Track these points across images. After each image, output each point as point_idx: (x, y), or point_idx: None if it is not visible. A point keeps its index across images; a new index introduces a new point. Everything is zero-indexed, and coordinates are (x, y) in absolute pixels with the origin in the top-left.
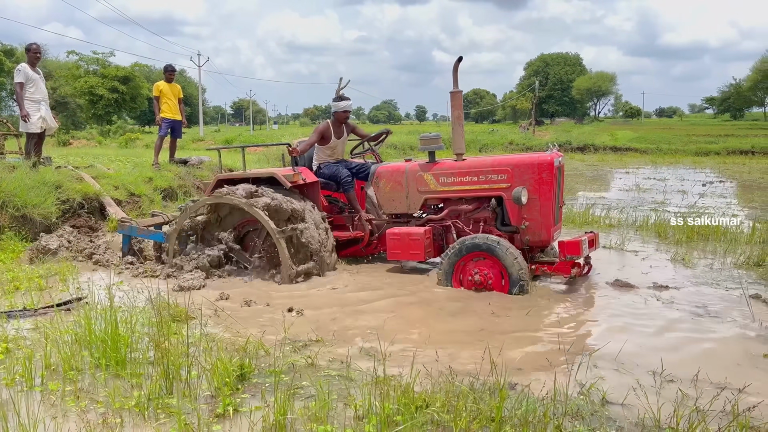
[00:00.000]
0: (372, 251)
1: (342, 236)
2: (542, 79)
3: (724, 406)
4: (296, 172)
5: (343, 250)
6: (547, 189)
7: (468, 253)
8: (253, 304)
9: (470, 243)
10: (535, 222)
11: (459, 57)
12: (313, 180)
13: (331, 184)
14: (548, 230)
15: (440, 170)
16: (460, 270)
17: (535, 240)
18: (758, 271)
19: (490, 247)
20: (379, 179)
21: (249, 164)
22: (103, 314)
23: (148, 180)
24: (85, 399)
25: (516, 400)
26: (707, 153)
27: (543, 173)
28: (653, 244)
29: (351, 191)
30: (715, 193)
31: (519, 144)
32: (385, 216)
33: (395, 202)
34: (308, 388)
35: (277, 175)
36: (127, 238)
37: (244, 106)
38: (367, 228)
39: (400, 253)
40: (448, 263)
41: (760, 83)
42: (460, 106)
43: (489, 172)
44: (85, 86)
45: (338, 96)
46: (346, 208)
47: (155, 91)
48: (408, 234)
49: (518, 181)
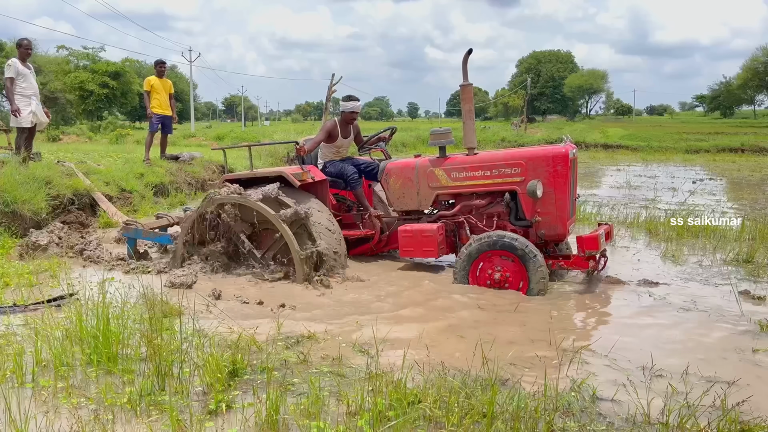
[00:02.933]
0: (382, 249)
1: (352, 235)
2: (534, 77)
3: (714, 400)
4: (305, 170)
5: (353, 249)
6: (562, 182)
7: (501, 250)
8: (246, 300)
9: (508, 242)
10: (550, 215)
11: (469, 49)
12: (321, 178)
13: (339, 182)
14: (564, 223)
15: (452, 165)
16: (482, 261)
17: (550, 234)
18: (747, 268)
19: (526, 255)
20: (389, 176)
21: (239, 162)
22: (94, 310)
23: (139, 176)
24: (76, 395)
25: (507, 396)
26: (697, 151)
27: (558, 166)
28: (644, 241)
29: (359, 188)
30: (705, 191)
31: (511, 141)
32: (395, 213)
33: (406, 199)
34: (301, 384)
35: (286, 174)
36: (132, 241)
37: (235, 102)
38: (377, 226)
39: (413, 250)
40: (476, 249)
41: (750, 81)
42: (471, 100)
43: (502, 165)
44: (75, 81)
45: (348, 96)
46: (355, 206)
47: (146, 85)
48: (421, 231)
49: (532, 174)
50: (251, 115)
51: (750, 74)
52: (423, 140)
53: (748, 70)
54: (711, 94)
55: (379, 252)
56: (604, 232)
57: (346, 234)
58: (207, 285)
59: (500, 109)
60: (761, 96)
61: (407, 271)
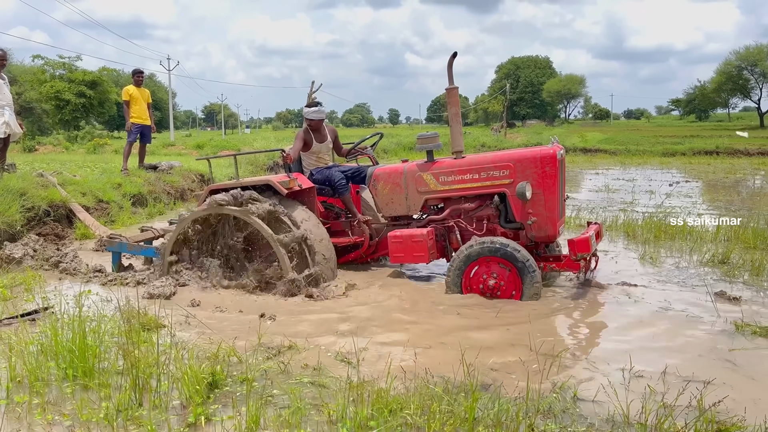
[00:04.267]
0: (372, 256)
1: (341, 242)
2: (513, 82)
3: (690, 401)
4: (292, 178)
5: (342, 257)
6: (551, 183)
7: (502, 258)
8: (225, 311)
9: (510, 252)
10: (540, 217)
11: (453, 53)
12: (308, 186)
13: (326, 189)
14: (554, 225)
15: (440, 169)
16: (480, 264)
17: (541, 235)
18: (723, 269)
19: (525, 269)
20: (377, 181)
21: (220, 170)
22: (70, 324)
23: (117, 186)
24: (52, 411)
25: (489, 401)
26: (674, 153)
27: (546, 167)
28: (622, 244)
29: (346, 194)
30: (681, 193)
31: (491, 146)
32: (383, 219)
33: (394, 204)
34: (281, 395)
35: (272, 182)
36: (116, 255)
37: (215, 110)
38: (366, 232)
39: (404, 256)
40: (476, 252)
41: (724, 85)
42: (457, 103)
43: (490, 168)
44: (51, 91)
45: (308, 103)
46: (343, 213)
47: (125, 95)
48: (411, 236)
49: (521, 176)
50: (231, 123)
51: (724, 78)
52: (404, 146)
53: (722, 74)
54: (686, 97)
55: (369, 259)
56: (594, 233)
57: (335, 242)
58: (188, 296)
59: (480, 115)
60: (735, 99)
61: (393, 278)
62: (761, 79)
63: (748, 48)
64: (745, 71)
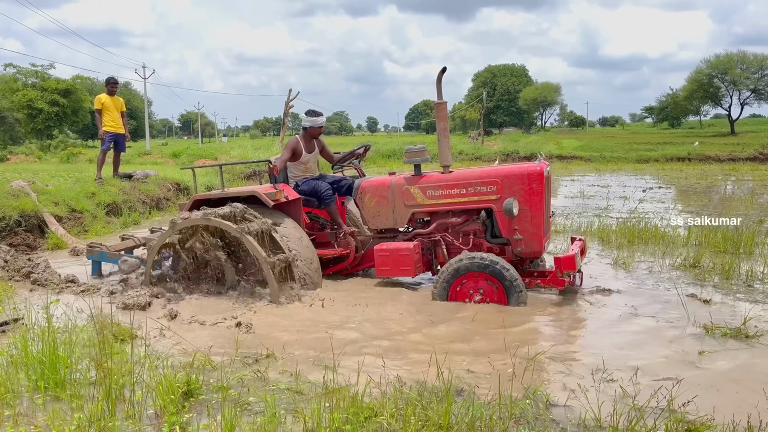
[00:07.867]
0: (357, 268)
1: (326, 254)
2: (490, 90)
3: (658, 402)
4: (278, 189)
5: (327, 269)
6: (537, 199)
7: (490, 275)
8: (202, 320)
9: (499, 270)
10: (526, 233)
11: (443, 68)
12: (295, 197)
13: (312, 200)
14: (540, 241)
15: (427, 183)
16: (468, 279)
17: (527, 251)
18: (693, 272)
19: (512, 288)
20: (363, 194)
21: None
22: (40, 335)
23: (91, 195)
24: (23, 423)
25: (463, 406)
26: (647, 160)
27: (533, 183)
28: (596, 249)
29: (332, 205)
30: (654, 198)
31: (469, 154)
32: (369, 231)
33: (381, 217)
34: (257, 403)
35: (258, 193)
36: (96, 264)
37: (192, 118)
38: (351, 244)
39: (390, 269)
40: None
41: (695, 93)
42: (446, 118)
43: (478, 183)
44: (23, 100)
45: (312, 111)
46: (328, 225)
47: (97, 104)
48: (397, 250)
49: (508, 192)
50: (208, 131)
51: (695, 86)
52: (382, 154)
53: (693, 81)
54: (659, 105)
55: (354, 271)
56: (579, 250)
57: (320, 253)
58: (164, 305)
59: (458, 123)
60: (706, 106)
61: (376, 287)
62: (731, 87)
63: (719, 56)
64: (715, 79)
